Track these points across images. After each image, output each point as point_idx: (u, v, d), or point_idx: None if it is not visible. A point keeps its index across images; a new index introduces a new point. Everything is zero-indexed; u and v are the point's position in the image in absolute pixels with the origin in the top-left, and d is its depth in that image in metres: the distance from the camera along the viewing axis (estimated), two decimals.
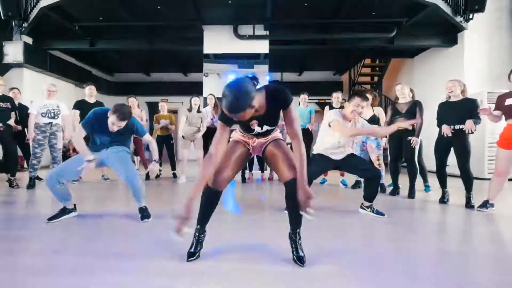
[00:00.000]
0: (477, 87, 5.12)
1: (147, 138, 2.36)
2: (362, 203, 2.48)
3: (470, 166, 2.82)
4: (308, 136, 4.21)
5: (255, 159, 4.49)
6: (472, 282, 1.27)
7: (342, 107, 3.38)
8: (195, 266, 1.37)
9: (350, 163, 2.43)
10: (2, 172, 4.17)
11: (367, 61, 8.14)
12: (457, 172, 2.89)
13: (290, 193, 1.36)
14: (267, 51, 5.77)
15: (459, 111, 2.80)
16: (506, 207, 2.76)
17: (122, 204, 2.88)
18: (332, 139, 2.39)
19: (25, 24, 5.38)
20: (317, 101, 8.32)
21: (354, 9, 4.94)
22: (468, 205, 2.75)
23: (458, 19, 5.07)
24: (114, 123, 2.08)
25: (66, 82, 6.96)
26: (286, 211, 1.53)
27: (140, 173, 4.78)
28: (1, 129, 3.55)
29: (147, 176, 4.45)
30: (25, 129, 4.32)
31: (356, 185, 3.83)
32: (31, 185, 3.54)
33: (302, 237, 1.45)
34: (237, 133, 1.57)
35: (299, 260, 1.38)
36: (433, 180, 3.36)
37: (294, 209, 1.36)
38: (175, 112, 7.74)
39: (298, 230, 1.44)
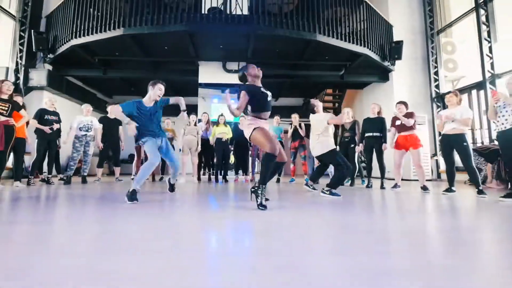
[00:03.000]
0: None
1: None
2: (323, 188, 3.58)
3: (384, 161, 4.44)
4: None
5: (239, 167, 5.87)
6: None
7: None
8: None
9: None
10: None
11: (329, 90, 10.10)
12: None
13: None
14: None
15: (376, 124, 4.47)
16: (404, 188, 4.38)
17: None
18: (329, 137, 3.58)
19: (50, 55, 6.57)
20: (290, 122, 9.97)
21: (313, 54, 6.72)
22: (382, 187, 4.32)
23: (386, 63, 7.06)
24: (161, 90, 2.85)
25: (72, 102, 7.92)
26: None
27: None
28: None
29: (153, 178, 5.66)
30: (57, 140, 5.40)
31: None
32: (68, 182, 4.57)
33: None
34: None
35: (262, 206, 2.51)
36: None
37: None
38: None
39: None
